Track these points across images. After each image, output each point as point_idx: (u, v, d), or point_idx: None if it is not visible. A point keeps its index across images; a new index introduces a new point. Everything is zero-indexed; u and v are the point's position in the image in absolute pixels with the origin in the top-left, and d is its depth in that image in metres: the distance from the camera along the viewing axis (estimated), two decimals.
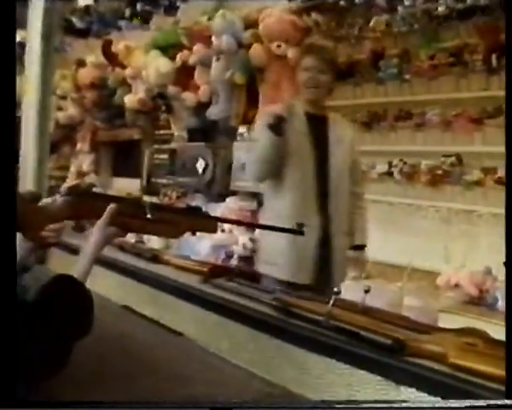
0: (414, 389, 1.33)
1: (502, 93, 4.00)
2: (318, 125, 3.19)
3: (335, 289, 1.53)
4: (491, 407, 1.04)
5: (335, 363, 1.50)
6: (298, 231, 2.20)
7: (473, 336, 1.43)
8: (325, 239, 3.14)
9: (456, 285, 4.13)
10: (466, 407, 1.05)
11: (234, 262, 5.26)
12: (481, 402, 1.05)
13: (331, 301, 1.55)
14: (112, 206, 1.51)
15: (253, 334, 1.80)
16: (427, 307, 3.93)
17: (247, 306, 1.88)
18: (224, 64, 5.69)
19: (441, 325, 2.67)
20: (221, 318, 1.98)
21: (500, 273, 4.04)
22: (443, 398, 1.28)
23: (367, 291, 1.60)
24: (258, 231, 3.18)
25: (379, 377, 1.40)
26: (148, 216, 1.56)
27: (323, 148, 3.15)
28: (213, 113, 5.96)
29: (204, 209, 1.81)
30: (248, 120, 5.68)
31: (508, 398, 1.03)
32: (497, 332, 3.02)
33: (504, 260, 3.95)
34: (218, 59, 5.75)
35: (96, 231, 1.50)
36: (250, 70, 5.52)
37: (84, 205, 1.54)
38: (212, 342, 2.00)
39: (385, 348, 1.40)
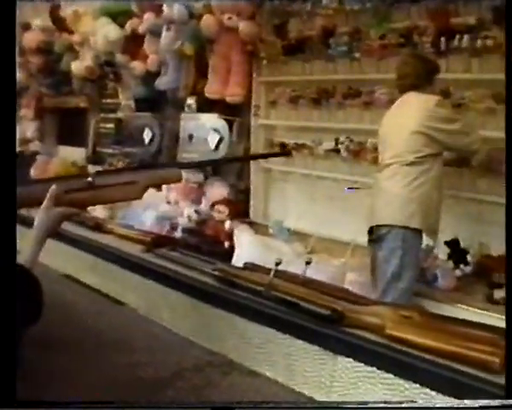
0: (351, 359, 1.35)
1: (449, 75, 4.08)
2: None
3: (276, 260, 1.54)
4: (491, 407, 1.06)
5: (275, 333, 1.51)
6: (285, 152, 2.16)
7: (410, 310, 1.46)
8: None
9: None
10: (466, 407, 1.07)
11: (178, 234, 5.24)
12: (481, 402, 1.06)
13: (272, 272, 1.56)
14: (52, 187, 1.44)
15: (195, 304, 1.80)
16: (369, 283, 3.99)
17: (189, 276, 1.88)
18: (174, 34, 5.63)
19: None
20: (163, 287, 1.98)
21: (440, 252, 4.13)
22: (378, 368, 1.30)
23: (308, 263, 1.61)
24: None
25: (317, 347, 1.41)
26: (91, 180, 1.47)
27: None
28: (162, 83, 5.90)
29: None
30: (197, 92, 5.65)
31: (508, 398, 1.05)
32: (435, 307, 3.10)
33: (445, 240, 4.03)
34: (168, 28, 5.69)
35: (39, 215, 1.44)
36: (200, 41, 5.48)
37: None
38: (154, 312, 2.00)
39: (323, 319, 1.42)
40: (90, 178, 1.47)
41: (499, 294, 3.72)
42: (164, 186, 5.32)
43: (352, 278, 4.02)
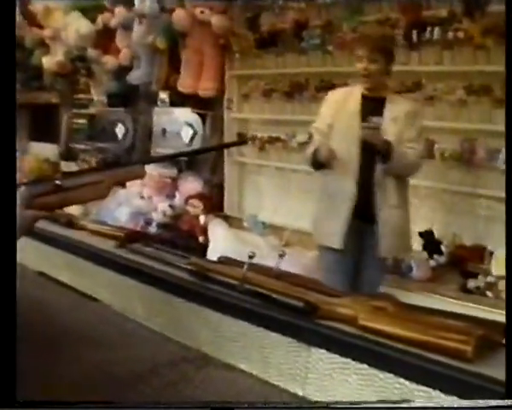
0: (325, 351, 1.36)
1: (421, 68, 4.10)
2: (372, 106, 3.22)
3: (249, 254, 1.54)
4: (491, 407, 1.06)
5: (249, 326, 1.51)
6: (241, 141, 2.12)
7: (383, 300, 1.46)
8: (364, 209, 3.19)
9: None
10: (466, 408, 1.08)
11: (153, 229, 5.22)
12: (481, 402, 1.07)
13: (245, 266, 1.55)
14: (22, 190, 1.42)
15: (169, 298, 1.79)
16: None
17: (162, 270, 1.87)
18: (146, 28, 5.61)
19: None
20: (137, 283, 1.96)
21: (415, 243, 4.15)
22: (352, 359, 1.31)
23: (281, 256, 1.61)
24: None
25: (291, 340, 1.42)
26: (59, 183, 1.48)
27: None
28: (134, 77, 5.87)
29: None
30: (170, 86, 5.63)
31: (508, 398, 1.05)
32: (409, 298, 3.12)
33: (419, 231, 4.05)
34: (140, 22, 5.66)
35: None
36: (172, 35, 5.46)
37: None
38: (128, 307, 1.99)
39: (297, 311, 1.42)
40: (57, 181, 1.47)
41: (472, 283, 3.76)
42: (138, 181, 5.29)
43: None
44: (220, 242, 4.63)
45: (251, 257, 1.55)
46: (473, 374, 1.19)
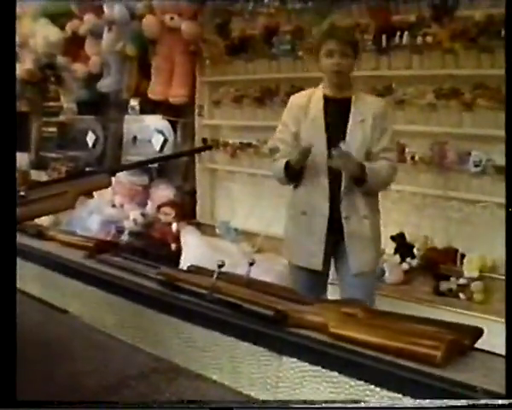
0: (296, 359, 1.35)
1: (391, 72, 4.12)
2: (337, 108, 2.98)
3: (219, 262, 1.52)
4: (491, 406, 1.05)
5: (220, 336, 1.50)
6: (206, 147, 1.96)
7: (353, 307, 1.46)
8: (337, 223, 2.93)
9: None
10: (466, 407, 1.07)
11: (124, 238, 5.18)
12: (481, 402, 1.06)
13: (215, 275, 1.54)
14: None
15: (139, 309, 1.77)
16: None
17: (132, 281, 1.85)
18: (116, 35, 5.57)
19: (331, 297, 2.73)
20: (106, 293, 1.94)
21: (387, 247, 4.17)
22: (323, 367, 1.30)
23: (251, 264, 1.60)
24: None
25: (262, 349, 1.40)
26: (23, 194, 1.47)
27: (342, 128, 2.93)
28: (104, 85, 5.83)
29: None
30: (140, 93, 5.60)
31: (508, 398, 1.05)
32: (383, 303, 3.12)
33: (391, 235, 4.06)
34: (109, 29, 5.62)
35: None
36: (142, 42, 5.43)
37: None
38: (98, 319, 1.96)
39: (267, 320, 1.41)
40: (22, 193, 1.46)
41: (445, 285, 3.78)
42: (108, 190, 5.24)
43: None
44: (192, 249, 4.61)
45: (220, 266, 1.53)
46: (443, 379, 1.19)
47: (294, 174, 2.98)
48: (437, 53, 3.98)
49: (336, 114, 2.97)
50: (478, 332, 1.43)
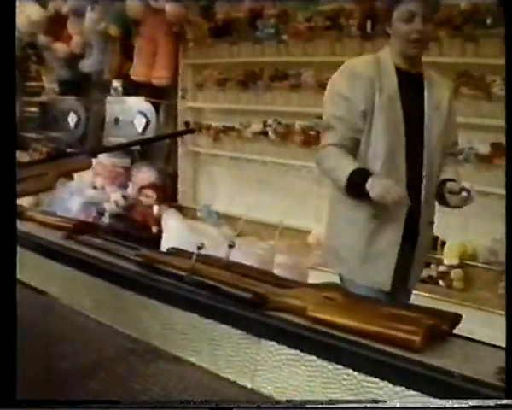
0: (274, 343, 1.34)
1: None
2: (411, 86, 2.34)
3: (198, 244, 1.51)
4: (491, 407, 1.05)
5: (199, 318, 1.49)
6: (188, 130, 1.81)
7: (332, 291, 1.45)
8: (411, 232, 2.33)
9: None
10: (465, 408, 1.06)
11: (105, 220, 5.16)
12: (481, 402, 1.06)
13: (194, 257, 1.53)
14: None
15: (117, 291, 1.76)
16: (298, 265, 4.02)
17: (111, 262, 1.83)
18: (99, 15, 5.52)
19: (311, 281, 2.73)
20: (85, 275, 1.92)
21: None
22: (301, 350, 1.30)
23: (231, 246, 1.59)
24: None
25: (240, 331, 1.40)
26: None
27: (417, 116, 2.33)
28: (86, 65, 5.78)
29: None
30: (123, 74, 5.55)
31: (508, 398, 1.04)
32: None
33: None
34: (92, 9, 5.56)
35: None
36: (125, 22, 5.38)
37: None
38: (76, 300, 1.94)
39: (246, 303, 1.40)
40: None
41: (425, 272, 3.80)
42: (90, 172, 5.21)
43: (281, 261, 4.04)
44: (174, 232, 4.60)
45: (199, 248, 1.52)
46: (421, 364, 1.19)
47: (360, 192, 2.21)
48: None
49: (411, 95, 2.34)
50: (457, 318, 1.43)
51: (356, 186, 2.21)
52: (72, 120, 6.07)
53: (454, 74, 3.86)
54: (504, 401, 1.04)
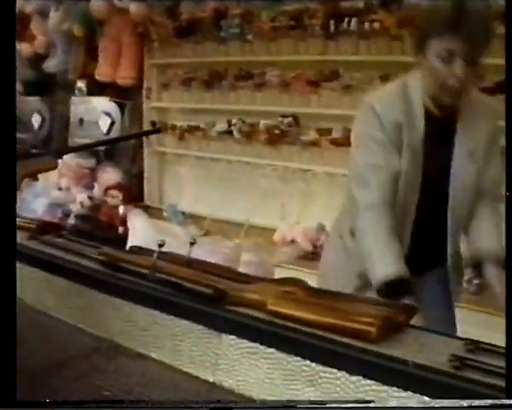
0: (234, 337, 1.37)
1: (338, 57, 4.16)
2: (439, 133, 2.00)
3: (159, 242, 1.53)
4: (491, 406, 1.07)
5: (160, 314, 1.51)
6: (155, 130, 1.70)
7: (292, 285, 1.48)
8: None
9: (292, 241, 4.29)
10: (465, 407, 1.08)
11: (71, 221, 5.14)
12: (481, 402, 1.08)
13: (155, 254, 1.55)
14: None
15: (81, 290, 1.76)
16: (264, 263, 4.05)
17: (74, 261, 1.84)
18: (63, 15, 5.49)
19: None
20: (48, 274, 1.92)
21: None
22: (261, 344, 1.32)
23: (192, 243, 1.61)
24: None
25: (201, 327, 1.42)
26: None
27: (442, 167, 2.02)
28: (50, 65, 5.75)
29: None
30: (87, 74, 5.53)
31: (508, 398, 1.06)
32: None
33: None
34: (56, 9, 5.53)
35: None
36: (90, 22, 5.36)
37: None
38: (39, 300, 1.94)
39: (206, 298, 1.43)
40: None
41: None
42: (55, 172, 5.18)
43: (247, 259, 4.07)
44: (139, 232, 4.60)
45: (160, 245, 1.54)
46: (377, 354, 1.22)
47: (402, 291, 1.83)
48: (384, 39, 4.04)
49: (436, 143, 2.00)
50: (413, 310, 1.47)
51: (387, 293, 1.82)
52: (36, 120, 6.03)
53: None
54: (504, 401, 1.06)
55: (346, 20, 4.17)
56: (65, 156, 5.46)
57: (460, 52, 1.77)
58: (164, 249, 1.57)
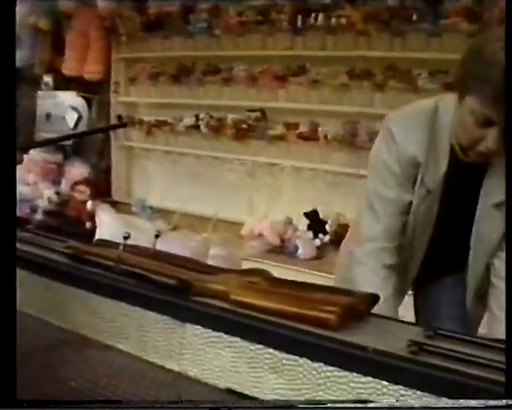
0: (199, 326, 1.39)
1: (305, 52, 4.19)
2: (462, 175, 1.78)
3: (124, 234, 1.54)
4: (491, 407, 1.08)
5: (126, 306, 1.52)
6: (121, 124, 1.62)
7: (256, 276, 1.51)
8: None
9: (260, 235, 4.33)
10: (465, 408, 1.10)
11: (38, 216, 5.10)
12: (481, 402, 1.09)
13: (121, 247, 1.56)
14: None
15: (47, 283, 1.77)
16: (232, 256, 4.07)
17: (40, 255, 1.84)
18: (29, 8, 5.43)
19: None
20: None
21: (300, 224, 4.27)
22: (225, 333, 1.35)
23: (157, 236, 1.63)
24: None
25: (166, 317, 1.44)
26: None
27: (462, 215, 1.84)
28: (16, 59, 5.67)
29: None
30: (54, 69, 5.49)
31: (508, 398, 1.08)
32: (297, 277, 3.20)
33: (304, 212, 4.15)
34: (22, 2, 5.47)
35: None
36: (56, 16, 5.34)
37: None
38: None
39: (171, 289, 1.44)
40: None
41: None
42: (21, 168, 5.14)
43: (215, 253, 4.08)
44: (107, 227, 4.58)
45: (126, 238, 1.55)
46: (337, 341, 1.25)
47: None
48: (350, 34, 4.09)
49: (459, 186, 1.82)
50: (374, 299, 1.50)
51: None
52: None
53: (382, 68, 3.99)
54: (505, 402, 1.06)
55: (313, 15, 4.21)
56: (32, 151, 5.42)
57: (500, 121, 1.53)
58: (132, 243, 1.58)
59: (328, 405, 1.20)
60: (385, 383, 1.17)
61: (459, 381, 1.12)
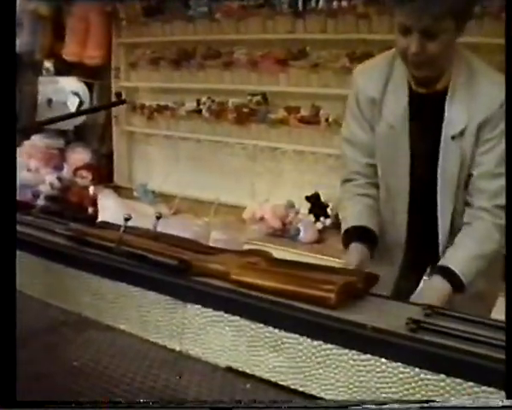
0: (200, 306, 1.40)
1: (306, 36, 4.18)
2: (424, 109, 1.85)
3: (125, 216, 1.55)
4: (491, 407, 1.09)
5: (127, 287, 1.53)
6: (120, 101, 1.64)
7: (255, 256, 1.52)
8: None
9: (261, 219, 4.33)
10: (465, 407, 1.10)
11: (41, 202, 5.12)
12: (481, 402, 1.10)
13: (122, 228, 1.57)
14: None
15: (49, 265, 1.78)
16: (234, 240, 4.08)
17: (41, 238, 1.85)
18: None
19: None
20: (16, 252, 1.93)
21: (302, 207, 4.28)
22: (226, 312, 1.36)
23: (158, 218, 1.64)
24: None
25: (167, 297, 1.45)
26: None
27: (426, 149, 1.87)
28: (17, 45, 5.67)
29: None
30: (55, 54, 5.48)
31: (508, 398, 1.08)
32: (299, 260, 3.20)
33: (306, 195, 4.15)
34: None
35: None
36: (56, 1, 5.31)
37: None
38: None
39: (172, 269, 1.45)
40: None
41: None
42: (23, 152, 5.16)
43: (217, 237, 4.09)
44: (109, 212, 4.59)
45: (127, 219, 1.56)
46: (337, 319, 1.26)
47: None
48: (351, 17, 4.07)
49: (423, 121, 1.86)
50: (373, 278, 1.51)
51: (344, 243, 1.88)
52: None
53: (382, 51, 3.96)
54: (505, 402, 1.07)
55: None
56: (34, 137, 5.43)
57: (415, 26, 1.64)
58: (132, 225, 1.60)
59: (328, 405, 1.22)
60: (384, 360, 1.19)
61: (457, 358, 1.13)
